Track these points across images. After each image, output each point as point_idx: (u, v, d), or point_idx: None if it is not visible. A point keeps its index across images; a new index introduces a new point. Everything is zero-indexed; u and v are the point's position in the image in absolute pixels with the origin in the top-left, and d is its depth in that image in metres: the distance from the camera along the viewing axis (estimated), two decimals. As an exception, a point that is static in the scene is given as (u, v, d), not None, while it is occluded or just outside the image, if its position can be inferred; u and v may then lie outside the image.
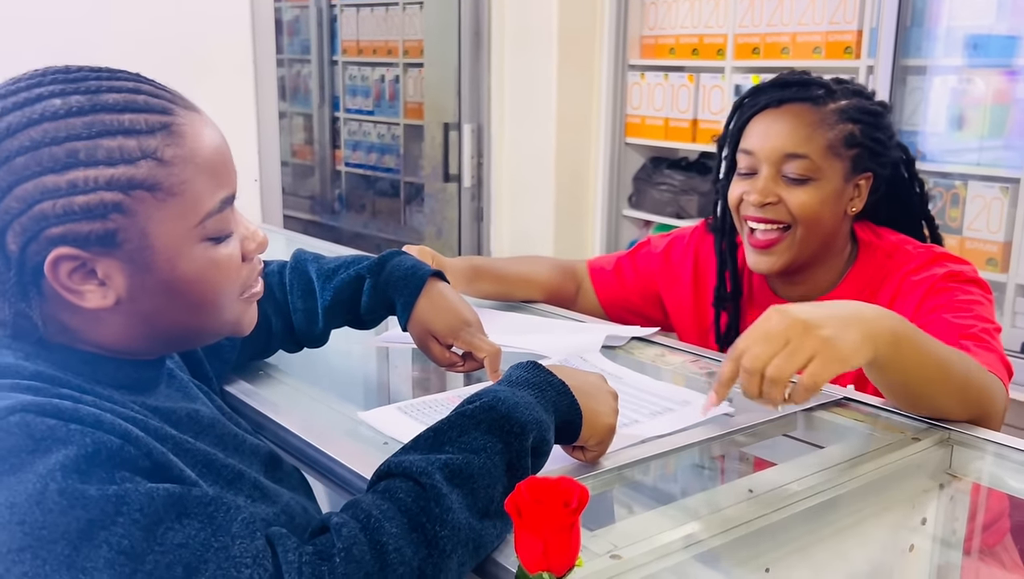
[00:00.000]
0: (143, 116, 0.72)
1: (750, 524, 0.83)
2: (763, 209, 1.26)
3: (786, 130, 1.24)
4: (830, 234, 1.29)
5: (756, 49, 2.86)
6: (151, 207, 0.71)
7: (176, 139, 0.73)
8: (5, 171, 0.69)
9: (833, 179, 1.25)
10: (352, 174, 5.11)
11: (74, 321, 0.74)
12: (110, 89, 0.73)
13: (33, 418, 0.63)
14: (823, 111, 1.25)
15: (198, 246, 0.75)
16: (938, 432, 1.01)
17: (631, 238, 3.42)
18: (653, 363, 1.26)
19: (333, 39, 5.02)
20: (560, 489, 0.63)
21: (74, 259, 0.70)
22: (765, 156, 1.25)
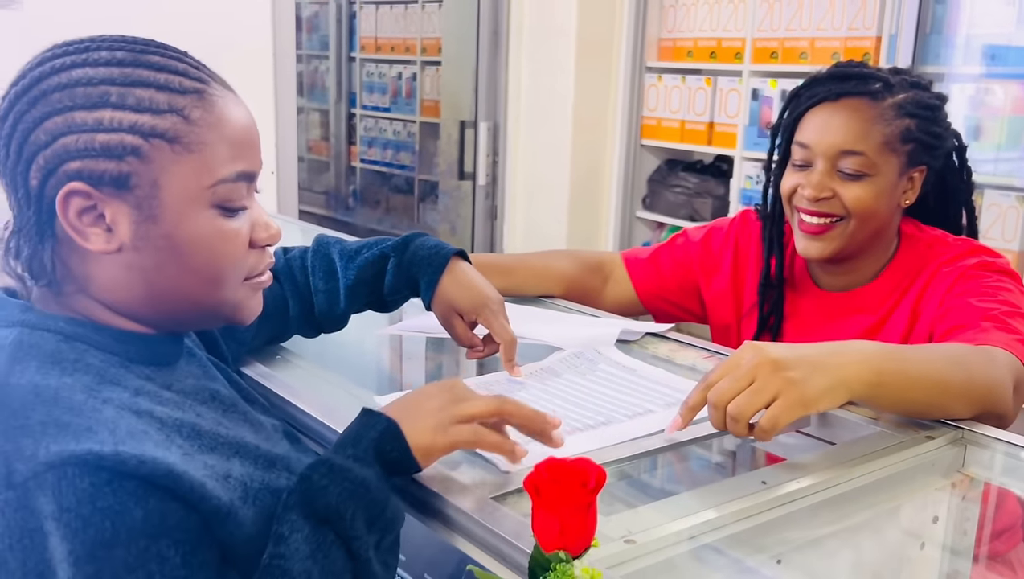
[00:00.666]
0: (179, 78, 0.76)
1: (763, 515, 0.83)
2: (817, 203, 1.26)
3: (843, 125, 1.24)
4: (882, 226, 1.29)
5: (774, 53, 2.86)
6: (167, 158, 0.74)
7: (205, 104, 0.76)
8: (41, 104, 0.73)
9: (888, 174, 1.25)
10: (367, 170, 5.13)
11: (81, 267, 0.76)
12: (155, 52, 0.77)
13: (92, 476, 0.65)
14: (881, 106, 1.24)
15: (206, 211, 0.76)
16: (951, 431, 1.01)
17: (644, 239, 3.42)
18: (667, 358, 1.27)
19: (352, 36, 5.04)
20: (578, 469, 0.63)
21: (85, 197, 0.73)
22: (821, 151, 1.25)
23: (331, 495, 0.74)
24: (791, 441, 1.05)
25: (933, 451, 0.98)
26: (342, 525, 0.74)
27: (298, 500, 0.74)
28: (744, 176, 2.98)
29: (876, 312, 1.32)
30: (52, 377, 0.70)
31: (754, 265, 1.44)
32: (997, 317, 1.14)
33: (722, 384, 0.89)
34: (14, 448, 0.64)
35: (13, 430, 0.65)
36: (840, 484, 0.90)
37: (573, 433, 0.96)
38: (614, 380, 1.14)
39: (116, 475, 0.65)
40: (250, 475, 0.76)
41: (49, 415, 0.67)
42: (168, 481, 0.67)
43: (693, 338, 1.36)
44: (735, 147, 2.99)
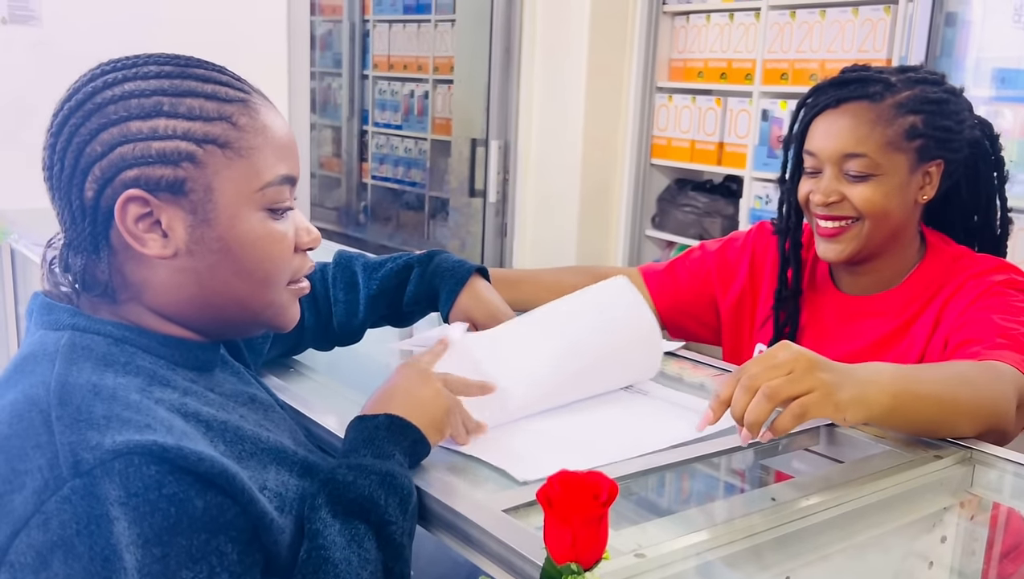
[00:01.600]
0: (224, 88, 0.81)
1: (772, 531, 0.84)
2: (829, 207, 1.28)
3: (844, 130, 1.26)
4: (900, 225, 1.30)
5: (784, 75, 2.88)
6: (220, 163, 0.78)
7: (251, 111, 0.81)
8: (96, 117, 0.76)
9: (896, 172, 1.26)
10: (378, 187, 5.16)
11: (136, 273, 0.79)
12: (198, 66, 0.82)
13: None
14: (881, 107, 1.25)
15: (257, 213, 0.80)
16: (960, 451, 1.02)
17: (654, 257, 3.43)
18: (676, 377, 1.27)
19: (364, 54, 5.08)
20: (590, 482, 0.64)
21: (143, 203, 0.76)
22: (826, 157, 1.28)
23: (361, 487, 0.77)
24: (799, 461, 1.06)
25: (941, 470, 0.99)
26: (377, 513, 0.77)
27: (326, 499, 0.77)
28: (754, 196, 2.99)
29: (897, 318, 1.32)
30: (108, 377, 0.73)
31: (770, 276, 1.45)
32: (1014, 336, 1.15)
33: (757, 371, 0.89)
34: (79, 439, 0.67)
35: (77, 423, 0.68)
36: (848, 502, 0.90)
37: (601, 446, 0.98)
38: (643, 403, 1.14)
39: (178, 467, 0.68)
40: (285, 483, 0.79)
41: (111, 410, 0.69)
42: (223, 480, 0.70)
43: (703, 356, 1.37)
44: (745, 167, 3.00)
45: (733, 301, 1.48)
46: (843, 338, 1.36)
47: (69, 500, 0.65)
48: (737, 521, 0.83)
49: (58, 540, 0.64)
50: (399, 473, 0.80)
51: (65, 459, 0.66)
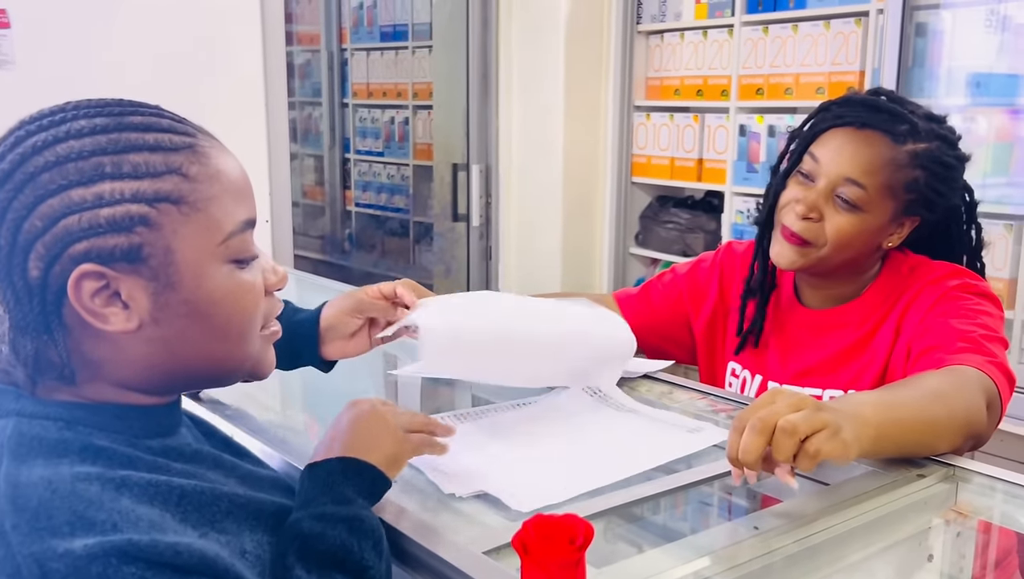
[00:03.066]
0: (167, 136, 0.73)
1: (757, 561, 0.83)
2: (802, 223, 1.28)
3: (857, 154, 1.25)
4: (855, 258, 1.31)
5: (760, 90, 2.90)
6: (176, 221, 0.71)
7: (200, 158, 0.74)
8: (30, 189, 0.68)
9: (880, 215, 1.27)
10: (362, 214, 5.15)
11: (97, 351, 0.72)
12: (133, 112, 0.74)
13: None
14: (898, 150, 1.24)
15: (223, 267, 0.74)
16: (943, 468, 1.01)
17: (638, 276, 3.43)
18: (660, 400, 1.27)
19: (344, 82, 5.09)
20: (566, 526, 0.64)
21: (98, 277, 0.69)
22: (827, 171, 1.26)
23: (332, 538, 0.75)
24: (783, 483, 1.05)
25: (925, 489, 0.99)
26: (354, 560, 0.75)
27: (297, 556, 0.74)
28: (735, 211, 3.00)
29: (858, 329, 1.34)
30: (63, 469, 0.67)
31: (739, 292, 1.46)
32: (974, 339, 1.16)
33: (765, 413, 0.86)
34: (42, 549, 0.62)
35: (37, 531, 0.63)
36: (833, 526, 0.90)
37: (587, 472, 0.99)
38: (617, 420, 1.16)
39: (155, 563, 0.63)
40: (261, 543, 0.76)
41: (73, 512, 0.64)
42: (203, 567, 0.66)
43: (686, 380, 1.37)
44: (725, 182, 3.01)
45: (705, 320, 1.49)
46: (807, 350, 1.37)
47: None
48: (720, 553, 0.82)
49: None
50: (365, 516, 0.78)
51: (30, 572, 0.61)
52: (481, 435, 1.09)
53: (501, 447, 1.06)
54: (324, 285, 2.33)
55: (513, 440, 1.08)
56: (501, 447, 1.06)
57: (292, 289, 2.46)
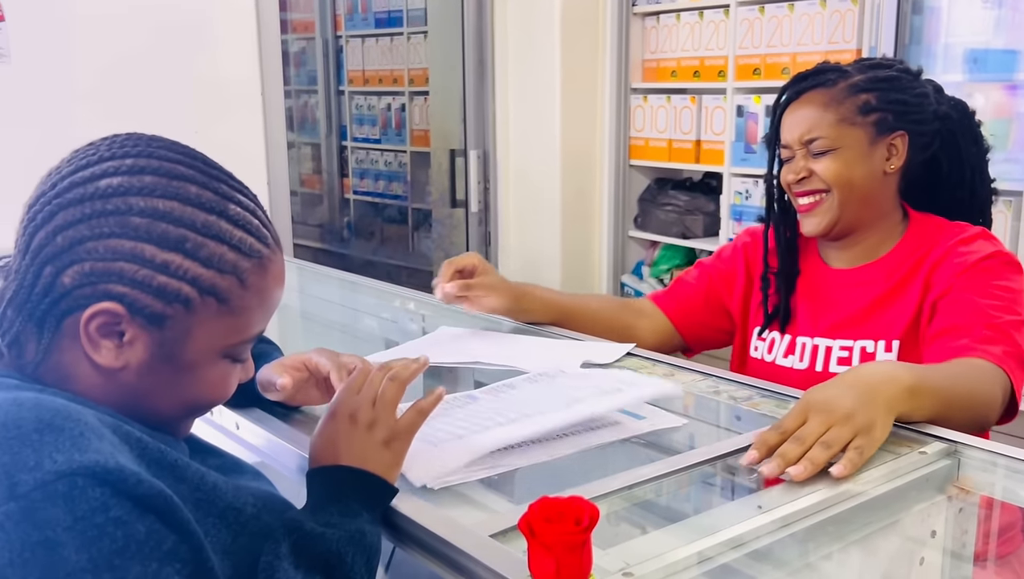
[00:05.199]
0: (251, 239, 0.78)
1: (761, 540, 0.84)
2: (800, 184, 1.40)
3: (804, 117, 1.38)
4: (870, 193, 1.39)
5: (757, 70, 2.89)
6: (211, 315, 0.76)
7: (261, 271, 0.79)
8: (115, 220, 0.72)
9: (855, 145, 1.36)
10: (360, 202, 5.15)
11: (69, 366, 0.75)
12: (239, 203, 0.78)
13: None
14: (834, 91, 1.37)
15: (220, 360, 0.79)
16: (944, 444, 1.02)
17: (638, 259, 3.43)
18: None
19: (339, 69, 5.08)
20: (571, 508, 0.64)
21: (114, 317, 0.73)
22: (793, 143, 1.40)
23: (330, 541, 0.75)
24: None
25: (927, 465, 0.99)
26: (343, 570, 0.74)
27: (291, 548, 0.75)
28: (733, 192, 3.00)
29: (888, 281, 1.40)
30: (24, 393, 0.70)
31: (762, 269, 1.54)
32: (999, 326, 1.24)
33: (807, 432, 0.96)
34: (11, 459, 0.64)
35: (8, 441, 0.64)
36: (836, 505, 0.90)
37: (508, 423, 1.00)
38: (560, 383, 1.17)
39: (119, 490, 0.65)
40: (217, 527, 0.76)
41: (39, 421, 0.66)
42: (160, 503, 0.67)
43: (689, 361, 1.37)
44: (723, 163, 3.01)
45: (739, 301, 1.56)
46: (836, 306, 1.43)
47: (2, 526, 0.61)
48: (724, 531, 0.83)
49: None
50: (369, 531, 0.79)
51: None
52: None
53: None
54: (325, 273, 2.33)
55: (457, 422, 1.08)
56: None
57: (293, 279, 2.46)
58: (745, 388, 1.24)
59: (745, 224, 2.98)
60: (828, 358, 1.39)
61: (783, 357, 1.45)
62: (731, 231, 3.02)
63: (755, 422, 1.11)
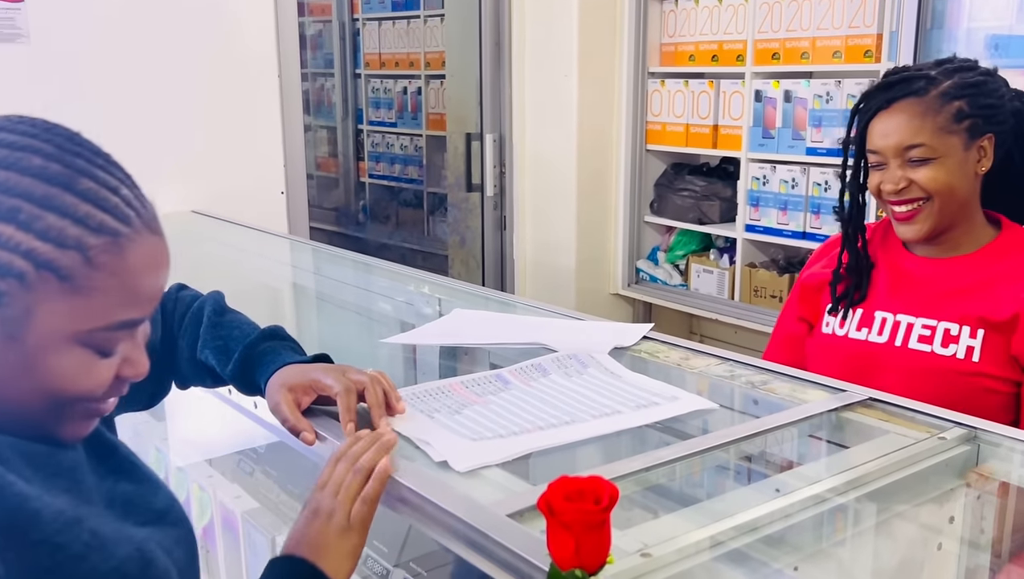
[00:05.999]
0: (103, 215, 0.72)
1: (778, 523, 0.84)
2: (899, 193, 1.40)
3: (899, 127, 1.39)
4: (966, 197, 1.41)
5: (775, 54, 2.87)
6: (51, 293, 0.71)
7: (116, 250, 0.73)
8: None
9: (953, 153, 1.38)
10: (376, 185, 5.16)
11: None
12: (94, 178, 0.73)
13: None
14: (927, 100, 1.38)
15: (75, 349, 0.73)
16: (964, 430, 1.01)
17: (653, 244, 3.42)
18: (678, 366, 1.27)
19: (356, 53, 5.07)
20: (591, 487, 0.64)
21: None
22: (889, 152, 1.40)
23: None
24: (803, 447, 1.06)
25: (946, 451, 0.99)
26: None
27: None
28: (751, 177, 2.98)
29: (974, 275, 1.40)
30: None
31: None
32: None
33: None
34: None
35: None
36: (854, 489, 0.90)
37: (535, 431, 1.00)
38: (594, 383, 1.17)
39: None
40: None
41: None
42: None
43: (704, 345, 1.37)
44: (741, 148, 2.99)
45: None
46: (918, 286, 1.44)
47: None
48: (742, 514, 0.83)
49: None
50: None
51: None
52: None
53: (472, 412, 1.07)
54: (340, 255, 2.34)
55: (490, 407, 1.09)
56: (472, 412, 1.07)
57: (308, 261, 2.47)
58: (762, 372, 1.24)
59: (762, 209, 2.96)
60: (909, 334, 1.40)
61: (856, 329, 1.46)
62: (748, 217, 3.00)
63: (772, 406, 1.11)
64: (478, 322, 1.50)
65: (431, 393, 1.11)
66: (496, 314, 1.57)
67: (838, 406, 1.08)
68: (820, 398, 1.12)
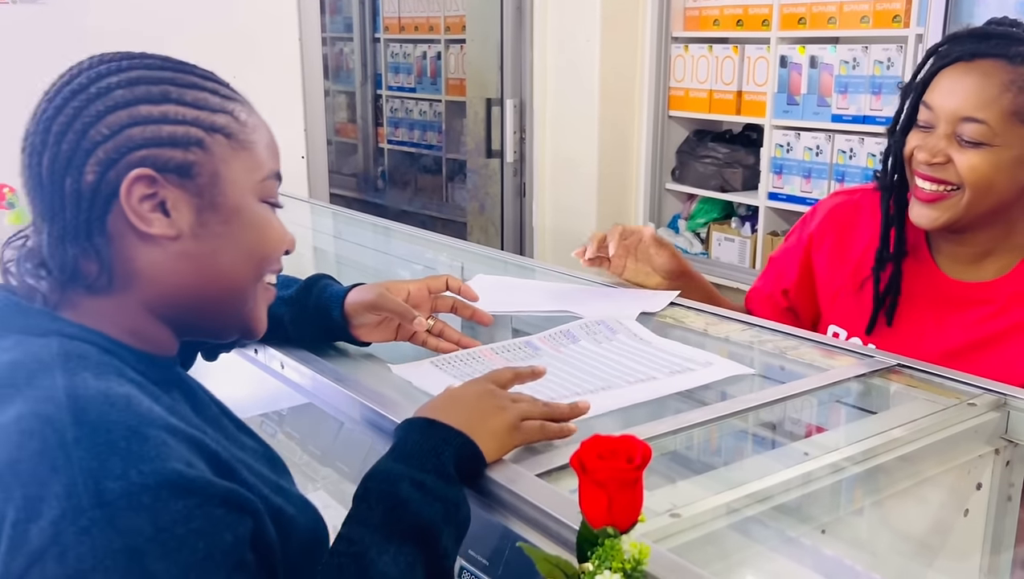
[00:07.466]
0: (221, 87, 0.82)
1: (806, 486, 0.84)
2: (931, 168, 1.19)
3: (970, 90, 1.15)
4: (1004, 203, 1.19)
5: (802, 19, 2.82)
6: (226, 152, 0.79)
7: (249, 108, 0.83)
8: (101, 101, 0.75)
9: (1013, 147, 1.15)
10: (395, 151, 5.14)
11: (134, 261, 0.76)
12: (194, 67, 0.82)
13: None
14: (1018, 71, 1.14)
15: (258, 203, 0.81)
16: (994, 397, 1.01)
17: (674, 212, 3.41)
18: (704, 331, 1.27)
19: (375, 17, 5.04)
20: (624, 446, 0.64)
21: (150, 183, 0.75)
22: (943, 114, 1.17)
23: (425, 514, 0.74)
24: (831, 413, 1.06)
25: (975, 418, 0.98)
26: (437, 544, 0.73)
27: (383, 516, 0.73)
28: (774, 144, 2.95)
29: (1003, 314, 1.22)
30: (113, 384, 0.70)
31: (862, 239, 1.35)
32: None
33: None
34: (100, 466, 0.63)
35: (97, 446, 0.64)
36: (882, 454, 0.90)
37: (571, 397, 0.99)
38: (625, 349, 1.16)
39: (201, 502, 0.65)
40: None
41: (128, 427, 0.66)
42: (252, 507, 0.69)
43: (728, 311, 1.36)
44: (764, 115, 2.96)
45: (828, 266, 1.40)
46: (950, 326, 1.26)
47: (88, 531, 0.61)
48: (770, 477, 0.83)
49: (74, 574, 0.61)
50: (463, 502, 0.77)
51: (86, 487, 0.62)
52: None
53: None
54: (361, 220, 2.34)
55: None
56: None
57: (328, 225, 2.47)
58: (788, 338, 1.23)
59: (785, 177, 2.94)
60: None
61: None
62: (771, 185, 2.98)
63: (799, 372, 1.11)
64: (501, 288, 1.50)
65: (462, 359, 1.11)
66: (518, 280, 1.56)
67: (866, 372, 1.08)
68: (848, 363, 1.11)
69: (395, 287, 1.13)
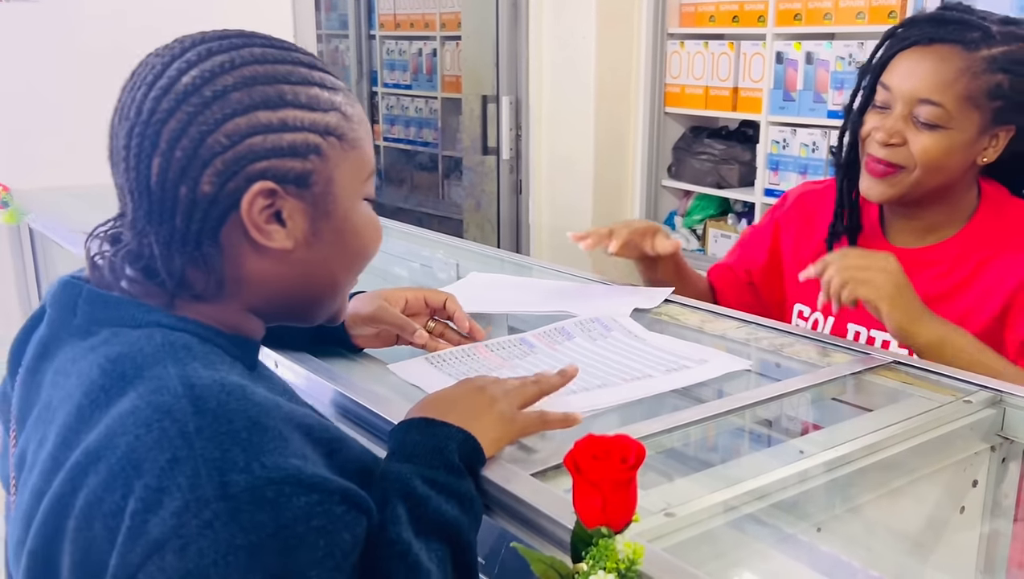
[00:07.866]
0: (328, 76, 0.77)
1: (801, 484, 0.84)
2: (886, 148, 1.23)
3: (927, 72, 1.19)
4: (952, 181, 1.25)
5: (798, 16, 2.82)
6: (339, 154, 0.76)
7: (351, 100, 0.79)
8: (218, 106, 0.70)
9: (966, 130, 1.20)
10: (391, 149, 5.14)
11: (245, 269, 0.74)
12: (296, 49, 0.77)
13: None
14: (972, 57, 1.18)
15: (363, 203, 0.80)
16: (989, 394, 1.00)
17: (670, 209, 3.40)
18: (698, 329, 1.27)
19: (370, 13, 5.03)
20: (617, 446, 0.64)
21: (268, 196, 0.72)
22: (900, 95, 1.22)
23: (446, 511, 0.73)
24: (826, 410, 1.06)
25: (971, 414, 0.98)
26: (458, 538, 0.73)
27: (408, 515, 0.72)
28: (770, 141, 2.95)
29: (957, 269, 1.27)
30: (223, 372, 0.68)
31: (819, 234, 1.40)
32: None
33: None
34: (223, 457, 0.62)
35: (219, 436, 0.62)
36: (878, 451, 0.90)
37: (567, 395, 0.98)
38: (620, 346, 1.16)
39: (322, 500, 0.63)
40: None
41: (248, 417, 0.64)
42: (362, 503, 0.67)
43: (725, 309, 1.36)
44: (760, 112, 2.96)
45: (794, 248, 1.45)
46: None
47: (211, 525, 0.59)
48: (766, 475, 0.82)
49: (194, 569, 0.59)
50: (476, 496, 0.77)
51: (209, 478, 0.60)
52: None
53: None
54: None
55: None
56: None
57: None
58: (783, 335, 1.23)
59: (781, 174, 2.94)
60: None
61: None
62: (767, 181, 2.98)
63: (794, 369, 1.10)
64: (495, 286, 1.49)
65: (457, 356, 1.11)
66: (512, 277, 1.56)
67: (862, 369, 1.07)
68: (843, 361, 1.11)
69: (392, 296, 1.11)
